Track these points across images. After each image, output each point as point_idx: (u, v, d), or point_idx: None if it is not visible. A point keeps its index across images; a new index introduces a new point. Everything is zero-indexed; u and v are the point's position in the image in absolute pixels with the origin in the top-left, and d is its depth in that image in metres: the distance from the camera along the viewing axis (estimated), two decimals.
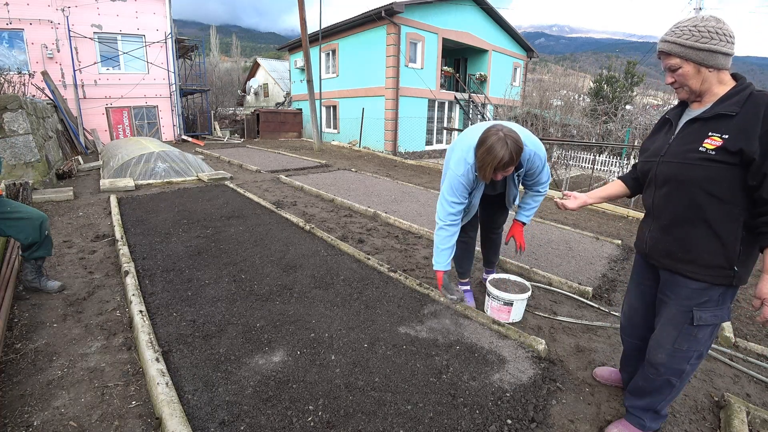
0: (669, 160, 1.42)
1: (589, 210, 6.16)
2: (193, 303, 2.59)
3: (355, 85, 14.81)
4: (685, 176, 1.35)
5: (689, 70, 1.34)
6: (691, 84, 1.36)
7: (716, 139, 1.28)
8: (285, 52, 21.19)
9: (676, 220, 1.42)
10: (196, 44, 16.21)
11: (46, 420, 1.64)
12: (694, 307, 1.41)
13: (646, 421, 1.65)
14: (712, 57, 1.30)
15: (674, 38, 1.34)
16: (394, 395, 1.83)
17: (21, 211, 2.53)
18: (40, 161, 6.00)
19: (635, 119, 11.10)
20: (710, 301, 1.39)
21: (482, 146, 1.94)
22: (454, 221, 2.20)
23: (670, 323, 1.49)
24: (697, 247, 1.38)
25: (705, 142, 1.31)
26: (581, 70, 43.76)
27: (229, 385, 1.85)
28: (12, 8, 10.87)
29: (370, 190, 6.41)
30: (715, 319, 1.41)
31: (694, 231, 1.37)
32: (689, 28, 1.31)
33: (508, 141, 1.89)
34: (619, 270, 3.56)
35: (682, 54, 1.33)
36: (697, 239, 1.37)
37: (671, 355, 1.49)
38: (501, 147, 1.88)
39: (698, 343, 1.45)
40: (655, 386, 1.58)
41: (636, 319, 1.75)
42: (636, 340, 1.78)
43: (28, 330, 2.27)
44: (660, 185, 1.46)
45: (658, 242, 1.50)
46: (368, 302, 2.68)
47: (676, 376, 1.52)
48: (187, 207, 4.96)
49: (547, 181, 2.34)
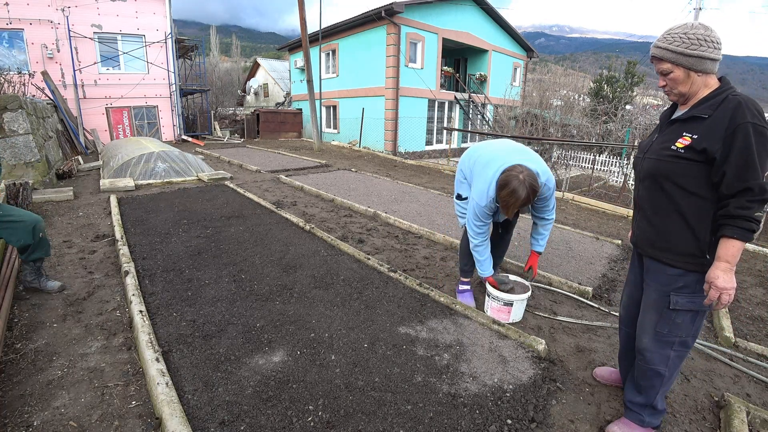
0: (649, 157, 1.58)
1: (589, 210, 6.17)
2: (193, 303, 2.59)
3: (355, 85, 14.81)
4: (658, 171, 1.51)
5: (679, 74, 1.45)
6: (680, 87, 1.47)
7: (687, 138, 1.43)
8: (285, 52, 21.18)
9: (655, 211, 1.56)
10: (196, 44, 16.21)
11: (46, 420, 1.64)
12: (671, 291, 1.53)
13: (644, 416, 1.69)
14: (700, 62, 1.40)
15: (666, 44, 1.44)
16: (394, 395, 1.83)
17: (14, 215, 2.52)
18: (40, 161, 6.00)
19: (635, 119, 11.09)
20: (686, 287, 1.50)
21: (505, 189, 2.17)
22: (484, 237, 2.52)
23: (651, 308, 1.61)
24: (672, 236, 1.51)
25: (677, 141, 1.46)
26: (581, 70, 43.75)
27: (229, 385, 1.85)
28: (12, 8, 10.86)
29: (370, 190, 6.41)
30: (691, 305, 1.50)
31: (670, 221, 1.51)
32: (680, 35, 1.41)
33: (527, 183, 2.14)
34: (619, 270, 3.56)
35: (673, 59, 1.43)
36: (672, 228, 1.51)
37: (654, 340, 1.60)
38: (522, 190, 2.14)
39: (678, 328, 1.55)
40: (646, 378, 1.65)
41: (632, 308, 1.83)
42: (631, 330, 1.83)
43: (28, 330, 2.27)
44: (643, 179, 1.61)
45: (643, 232, 1.64)
46: (368, 302, 2.68)
47: (663, 364, 1.60)
48: (187, 207, 4.96)
49: (554, 207, 2.55)
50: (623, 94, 16.62)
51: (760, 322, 2.86)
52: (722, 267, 1.37)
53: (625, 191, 7.39)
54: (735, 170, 1.32)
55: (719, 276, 1.36)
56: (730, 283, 1.36)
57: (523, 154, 2.38)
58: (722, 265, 1.37)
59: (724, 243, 1.37)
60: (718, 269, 1.37)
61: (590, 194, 7.44)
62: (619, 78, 18.73)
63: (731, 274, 1.37)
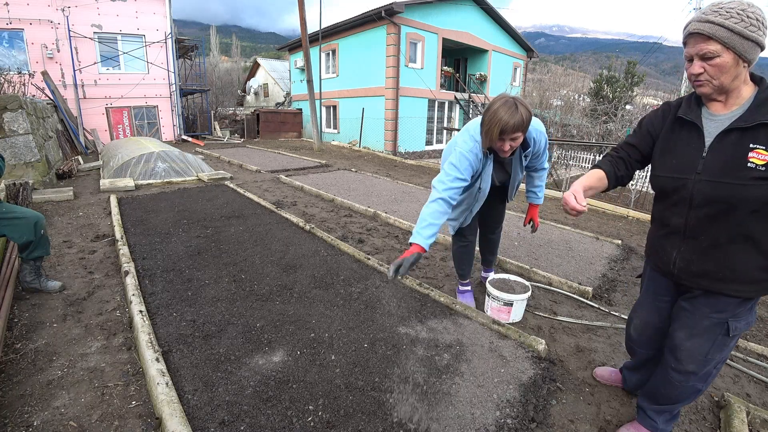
0: (712, 179, 1.25)
1: (589, 210, 6.17)
2: (193, 303, 2.59)
3: (355, 85, 14.81)
4: (737, 198, 1.20)
5: (728, 60, 1.15)
6: (723, 78, 1.18)
7: (763, 152, 1.15)
8: (285, 52, 21.19)
9: (716, 242, 1.29)
10: (196, 44, 16.21)
11: (46, 420, 1.64)
12: (729, 318, 1.35)
13: (659, 423, 1.63)
14: (754, 50, 1.14)
15: (721, 20, 1.13)
16: (394, 395, 1.83)
17: (16, 212, 2.54)
18: (40, 161, 6.00)
19: (635, 119, 11.10)
20: (744, 310, 1.35)
21: (489, 110, 1.83)
22: (451, 197, 1.93)
23: (702, 335, 1.41)
24: (740, 265, 1.28)
25: (750, 157, 1.16)
26: (581, 70, 43.76)
27: (229, 385, 1.85)
28: (12, 8, 10.87)
29: (370, 190, 6.41)
30: (747, 326, 1.37)
31: (737, 249, 1.27)
32: (737, 11, 1.13)
33: (517, 104, 1.77)
34: (619, 270, 3.56)
35: (726, 39, 1.13)
36: (740, 257, 1.28)
37: (703, 365, 1.45)
38: (509, 108, 1.77)
39: (728, 350, 1.44)
40: (681, 392, 1.54)
41: (649, 332, 1.68)
42: (650, 351, 1.72)
43: (28, 330, 2.27)
44: (700, 205, 1.29)
45: (692, 264, 1.38)
46: (368, 302, 2.68)
47: (702, 381, 1.49)
48: (187, 207, 4.96)
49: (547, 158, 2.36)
50: (623, 94, 16.63)
51: (760, 322, 2.86)
52: None
53: (625, 191, 7.39)
54: None
55: None
56: None
57: None
58: None
59: None
60: None
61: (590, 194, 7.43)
62: (619, 78, 18.73)
63: None
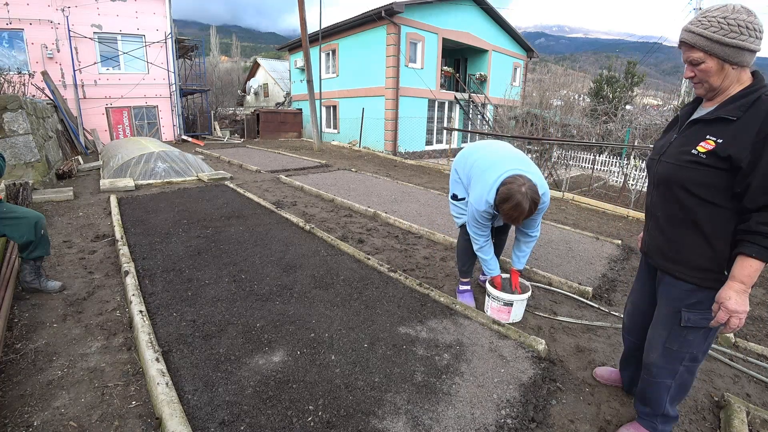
0: (666, 160, 1.41)
1: (589, 210, 6.17)
2: (193, 303, 2.59)
3: (355, 85, 14.81)
4: (674, 177, 1.35)
5: (712, 65, 1.25)
6: (712, 81, 1.28)
7: (710, 142, 1.26)
8: (285, 52, 21.18)
9: (669, 220, 1.42)
10: (196, 44, 16.21)
11: (46, 420, 1.64)
12: (683, 308, 1.41)
13: (657, 424, 1.64)
14: (738, 54, 1.21)
15: (700, 29, 1.23)
16: (394, 395, 1.83)
17: (17, 212, 2.55)
18: (40, 161, 6.00)
19: (635, 119, 11.09)
20: (699, 303, 1.38)
21: (508, 202, 2.16)
22: (486, 239, 2.52)
23: (660, 323, 1.51)
24: (687, 249, 1.37)
25: (699, 145, 1.29)
26: (581, 70, 43.75)
27: (229, 385, 1.85)
28: (12, 8, 10.86)
29: (370, 190, 6.41)
30: (704, 322, 1.38)
31: (685, 232, 1.37)
32: (718, 19, 1.20)
33: (529, 196, 2.15)
34: (619, 270, 3.56)
35: (707, 48, 1.23)
36: (687, 241, 1.37)
37: (663, 355, 1.50)
38: (526, 203, 2.14)
39: (689, 345, 1.44)
40: (651, 390, 1.58)
41: (637, 317, 1.75)
42: (636, 339, 1.77)
43: (28, 330, 2.27)
44: (657, 184, 1.46)
45: (654, 241, 1.51)
46: (368, 302, 2.68)
47: (670, 377, 1.51)
48: (187, 207, 4.96)
49: (539, 225, 2.56)
50: (623, 94, 16.62)
51: (760, 322, 2.86)
52: (736, 288, 1.23)
53: (625, 191, 7.39)
54: (762, 182, 1.17)
55: (731, 297, 1.23)
56: (742, 306, 1.22)
57: (522, 164, 2.36)
58: (736, 286, 1.23)
59: (740, 261, 1.23)
60: (730, 289, 1.24)
61: (590, 194, 7.44)
62: (619, 78, 18.72)
63: (745, 296, 1.22)
